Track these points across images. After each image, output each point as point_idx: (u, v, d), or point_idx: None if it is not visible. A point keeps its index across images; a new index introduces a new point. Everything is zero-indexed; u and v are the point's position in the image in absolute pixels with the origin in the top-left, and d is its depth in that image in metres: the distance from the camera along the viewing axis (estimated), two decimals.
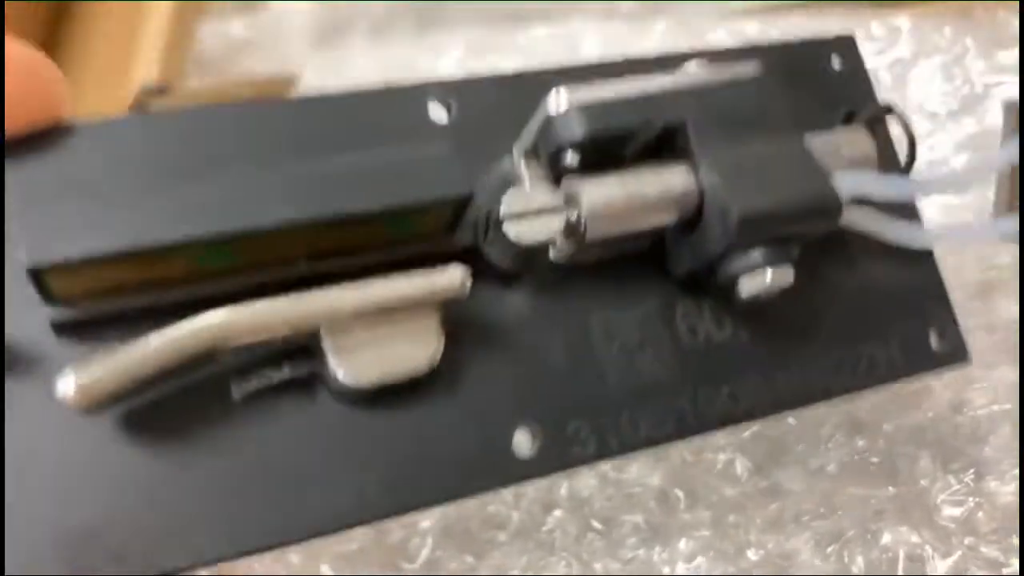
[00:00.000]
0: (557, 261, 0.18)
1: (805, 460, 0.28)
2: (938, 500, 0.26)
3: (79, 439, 0.15)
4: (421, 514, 0.27)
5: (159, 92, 0.50)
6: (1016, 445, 0.27)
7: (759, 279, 0.18)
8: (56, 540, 0.15)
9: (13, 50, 0.15)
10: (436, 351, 0.17)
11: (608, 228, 0.17)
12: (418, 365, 0.17)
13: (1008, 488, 0.26)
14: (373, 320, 0.16)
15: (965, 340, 0.22)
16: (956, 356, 0.21)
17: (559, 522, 0.27)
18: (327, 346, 0.16)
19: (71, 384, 0.14)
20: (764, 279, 0.18)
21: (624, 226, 0.18)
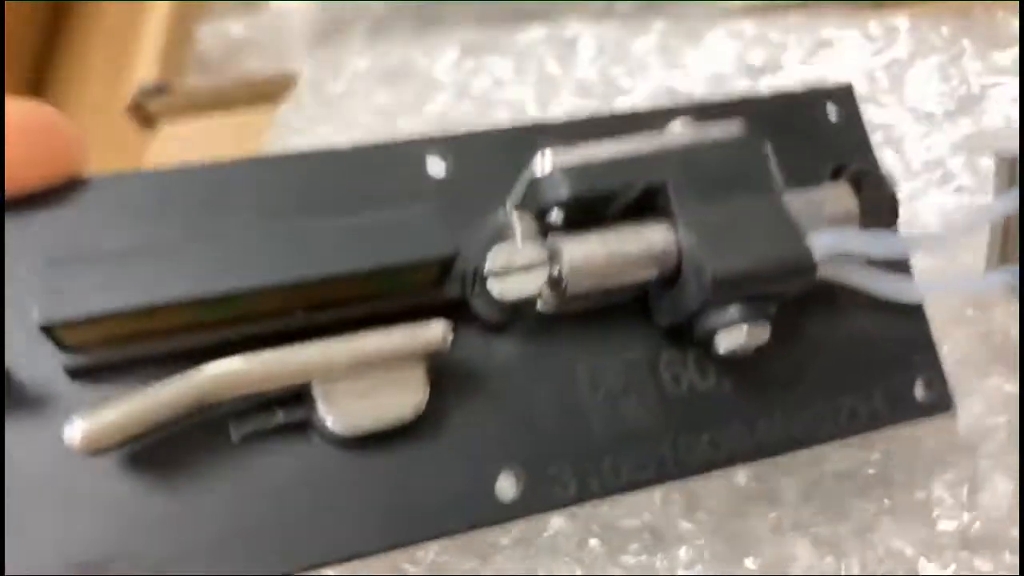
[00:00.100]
0: (544, 311, 0.19)
1: (803, 470, 0.28)
2: (934, 513, 0.26)
3: (87, 477, 0.16)
4: None
5: (158, 91, 0.51)
6: (1010, 458, 0.27)
7: (735, 335, 0.18)
8: (60, 566, 0.16)
9: (31, 109, 0.16)
10: (422, 400, 0.18)
11: (588, 284, 0.18)
12: (404, 413, 0.17)
13: (1002, 503, 0.26)
14: (361, 371, 0.17)
15: (950, 389, 0.22)
16: (941, 406, 0.22)
17: (560, 528, 0.28)
18: (317, 395, 0.17)
19: (78, 431, 0.15)
20: (740, 335, 0.18)
21: (604, 282, 0.18)
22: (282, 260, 0.16)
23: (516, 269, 0.18)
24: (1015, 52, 0.34)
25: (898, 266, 0.21)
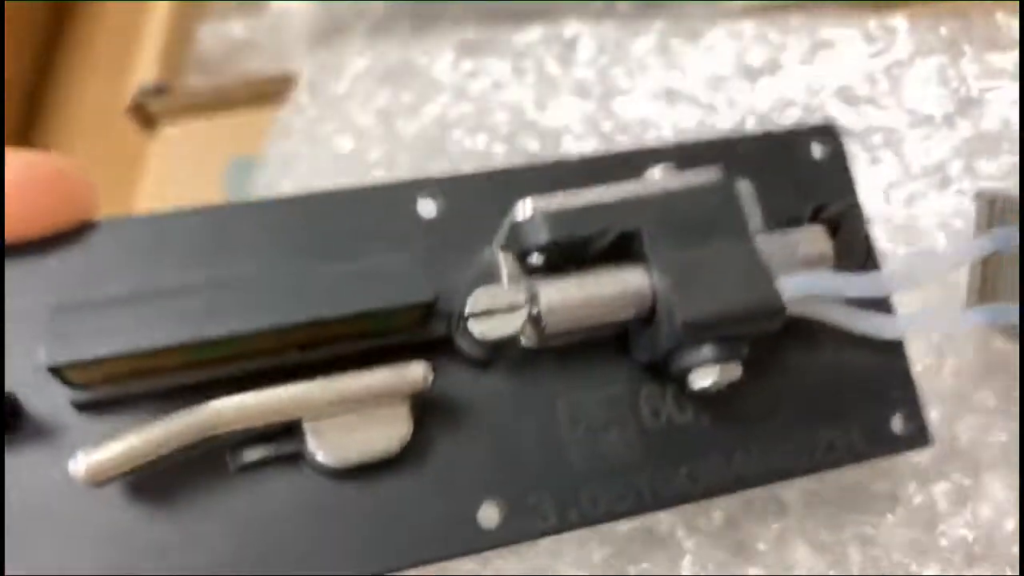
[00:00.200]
0: (527, 346, 0.20)
1: (807, 482, 0.28)
2: (938, 527, 0.27)
3: (91, 505, 0.18)
4: None
5: (158, 92, 0.51)
6: (1010, 473, 0.27)
7: (708, 374, 0.19)
8: None
9: (41, 160, 0.18)
10: (406, 434, 0.19)
11: (566, 324, 0.19)
12: (390, 446, 0.19)
13: (1007, 518, 0.26)
14: (347, 408, 0.18)
15: (928, 423, 0.23)
16: (918, 440, 0.22)
17: None
18: (307, 430, 0.18)
19: (82, 465, 0.16)
20: (713, 374, 0.19)
21: (581, 322, 0.19)
22: (275, 305, 0.18)
23: (496, 310, 0.19)
24: (1014, 55, 0.34)
25: (878, 303, 0.22)
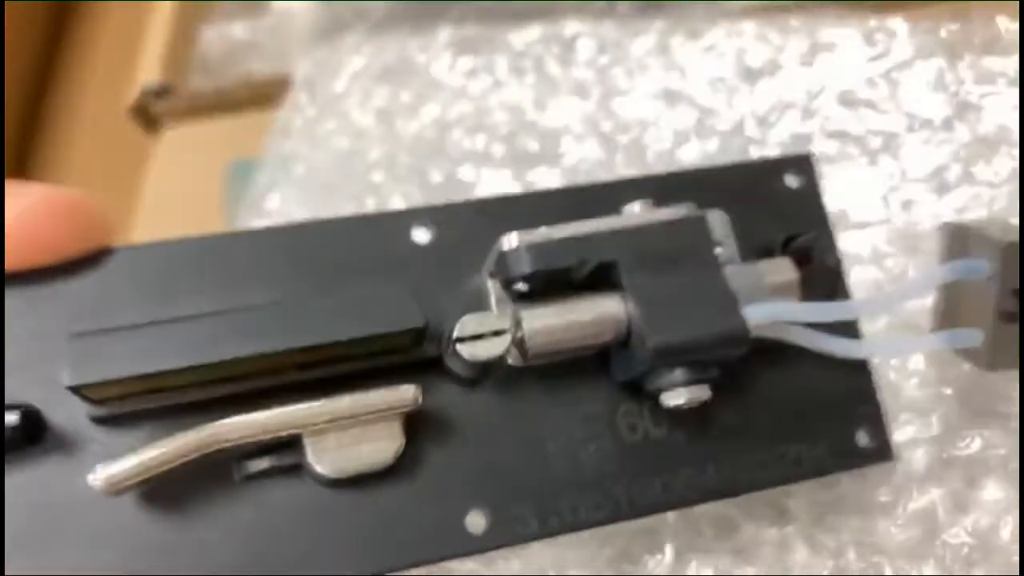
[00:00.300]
0: (514, 365, 0.21)
1: (815, 491, 0.28)
2: (941, 537, 0.27)
3: (109, 511, 0.19)
4: None
5: (161, 93, 0.51)
6: (1009, 488, 0.27)
7: (678, 395, 0.21)
8: None
9: (59, 194, 0.19)
10: (399, 447, 0.20)
11: (547, 347, 0.21)
12: (384, 459, 0.20)
13: (1006, 530, 0.27)
14: (343, 425, 0.20)
15: (891, 439, 0.24)
16: (882, 455, 0.24)
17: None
18: (307, 444, 0.20)
19: (101, 477, 0.18)
20: (682, 395, 0.21)
21: (562, 345, 0.21)
22: (277, 330, 0.19)
23: (483, 335, 0.20)
24: (1013, 59, 0.35)
25: (847, 326, 0.23)
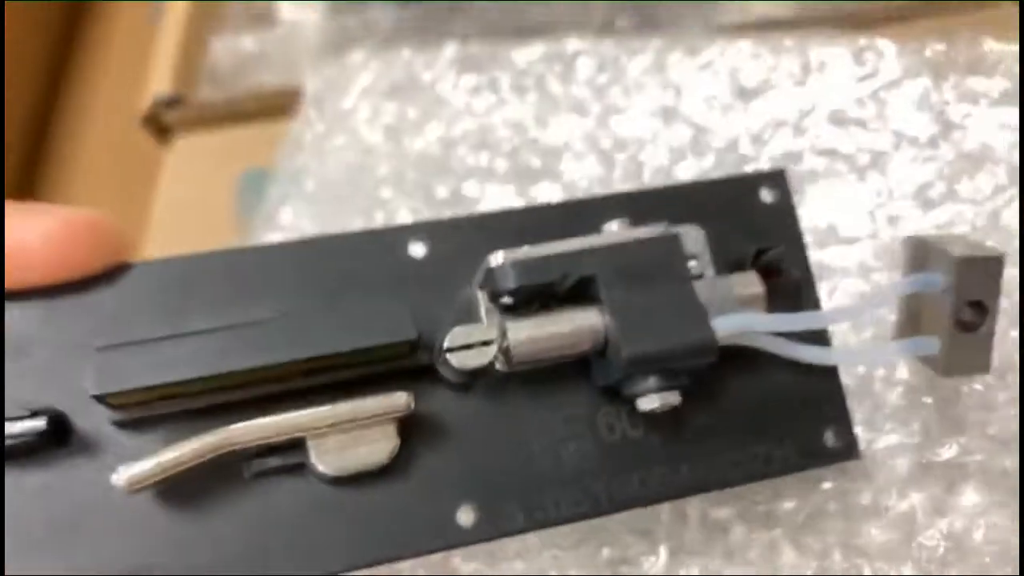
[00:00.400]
0: (501, 372, 0.23)
1: (803, 495, 0.30)
2: (918, 539, 0.29)
3: (129, 507, 0.21)
4: None
5: (172, 103, 0.53)
6: (984, 493, 0.29)
7: (651, 400, 0.23)
8: None
9: (80, 214, 0.21)
10: (394, 448, 0.22)
11: (531, 356, 0.23)
12: (380, 459, 0.22)
13: (979, 533, 0.28)
14: (343, 428, 0.22)
15: (857, 439, 0.25)
16: (848, 454, 0.25)
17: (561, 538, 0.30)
18: (309, 446, 0.22)
19: (122, 477, 0.20)
20: (655, 400, 0.23)
21: (544, 354, 0.23)
22: (282, 343, 0.21)
23: (472, 344, 0.22)
24: (996, 79, 0.36)
25: (817, 334, 0.25)
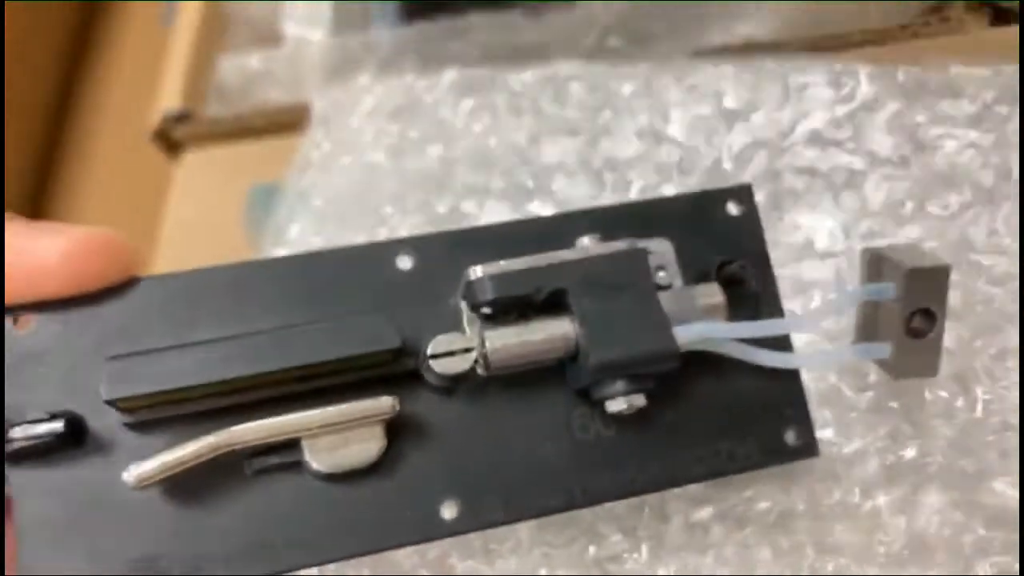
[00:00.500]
0: (482, 375, 0.25)
1: (775, 496, 0.33)
2: (880, 537, 0.31)
3: (140, 501, 0.24)
4: None
5: (181, 119, 0.55)
6: (943, 493, 0.31)
7: (618, 403, 0.25)
8: (121, 566, 0.23)
9: (95, 233, 0.23)
10: (382, 447, 0.24)
11: (507, 362, 0.25)
12: (369, 457, 0.24)
13: (934, 530, 0.31)
14: (334, 429, 0.24)
15: (816, 438, 0.27)
16: (808, 451, 0.27)
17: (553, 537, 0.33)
18: (305, 445, 0.24)
19: (132, 474, 0.22)
20: (622, 403, 0.25)
21: (520, 360, 0.25)
22: (278, 352, 0.24)
23: (453, 352, 0.24)
24: (963, 102, 0.38)
25: (780, 339, 0.27)
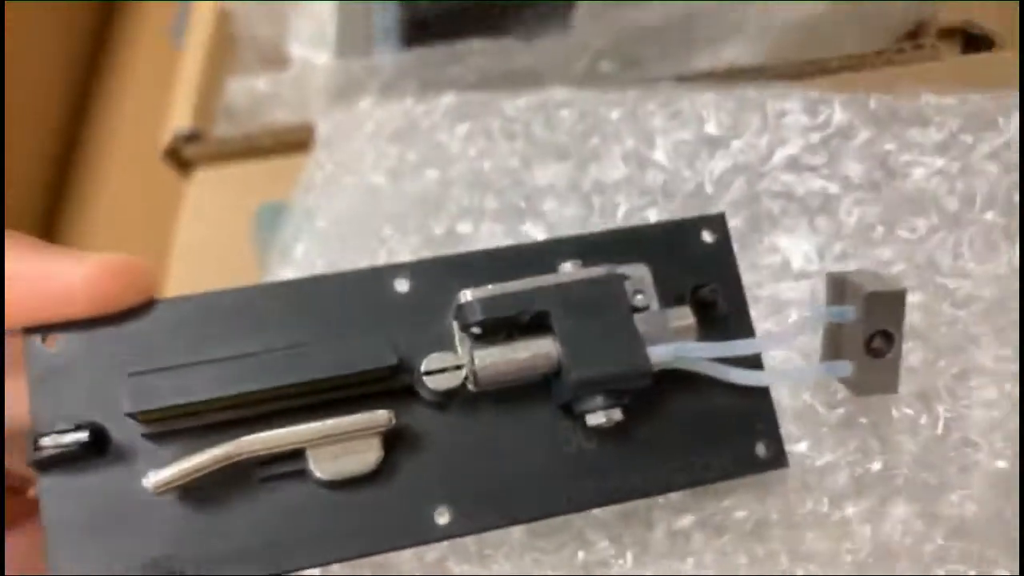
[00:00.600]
0: (472, 391, 0.27)
1: (751, 506, 0.35)
2: (849, 545, 0.33)
3: (157, 506, 0.26)
4: None
5: (191, 139, 0.57)
6: (907, 504, 0.33)
7: (597, 417, 0.27)
8: (139, 565, 0.25)
9: (116, 258, 0.25)
10: (379, 458, 0.26)
11: (494, 379, 0.27)
12: (367, 466, 0.26)
13: (899, 538, 0.33)
14: (335, 440, 0.26)
15: (785, 450, 0.29)
16: (778, 463, 0.29)
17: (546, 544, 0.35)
18: (308, 455, 0.26)
19: (151, 480, 0.24)
20: (600, 418, 0.27)
21: (506, 377, 0.27)
22: (284, 370, 0.26)
23: (445, 369, 0.27)
24: (930, 130, 0.40)
25: (752, 358, 0.29)
